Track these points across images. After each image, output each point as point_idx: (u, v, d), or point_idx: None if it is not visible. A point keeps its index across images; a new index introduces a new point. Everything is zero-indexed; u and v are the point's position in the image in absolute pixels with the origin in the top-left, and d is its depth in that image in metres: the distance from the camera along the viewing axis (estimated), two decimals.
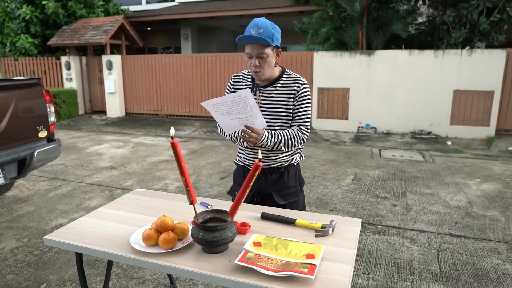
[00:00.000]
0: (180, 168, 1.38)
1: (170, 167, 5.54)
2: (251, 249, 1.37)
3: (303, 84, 1.90)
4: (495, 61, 7.14)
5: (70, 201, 4.11)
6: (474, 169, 5.46)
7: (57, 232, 1.60)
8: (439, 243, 3.12)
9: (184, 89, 9.70)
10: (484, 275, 2.64)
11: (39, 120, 3.54)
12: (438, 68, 7.47)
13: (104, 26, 10.05)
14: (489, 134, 7.35)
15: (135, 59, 10.05)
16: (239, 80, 2.01)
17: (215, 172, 5.27)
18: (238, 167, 2.12)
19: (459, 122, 7.52)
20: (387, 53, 7.84)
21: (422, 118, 7.73)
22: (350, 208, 3.92)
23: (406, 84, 7.70)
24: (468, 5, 7.46)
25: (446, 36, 8.09)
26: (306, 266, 1.27)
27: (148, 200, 1.96)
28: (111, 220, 1.71)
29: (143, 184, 4.68)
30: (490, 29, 7.60)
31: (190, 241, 1.46)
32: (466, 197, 4.25)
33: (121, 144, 7.16)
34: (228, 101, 1.64)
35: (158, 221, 1.49)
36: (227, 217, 1.48)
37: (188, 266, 1.33)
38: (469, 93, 7.36)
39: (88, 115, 10.64)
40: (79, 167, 5.50)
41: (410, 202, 4.09)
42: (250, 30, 1.77)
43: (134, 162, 5.82)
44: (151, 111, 10.17)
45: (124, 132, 8.57)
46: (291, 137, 1.87)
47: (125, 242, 1.49)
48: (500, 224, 3.52)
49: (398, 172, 5.27)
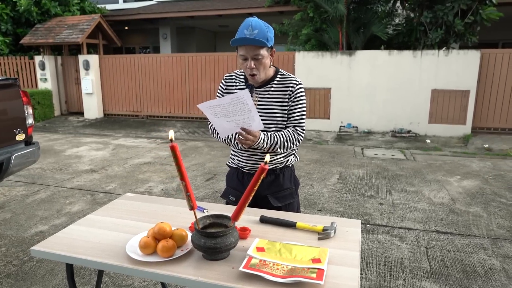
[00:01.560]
0: (180, 172, 1.32)
1: (153, 169, 5.41)
2: (255, 254, 1.33)
3: (298, 84, 1.88)
4: (470, 61, 7.37)
5: (50, 207, 3.94)
6: (453, 167, 5.60)
7: (45, 242, 1.50)
8: (427, 240, 3.17)
9: (165, 90, 9.54)
10: (473, 271, 2.69)
11: (16, 122, 3.37)
12: (416, 68, 7.64)
13: (80, 25, 9.75)
14: (465, 132, 7.58)
15: (113, 59, 9.79)
16: (231, 81, 1.96)
17: (200, 174, 5.18)
18: (232, 170, 2.07)
19: (437, 121, 7.72)
20: (367, 53, 7.95)
21: (402, 117, 7.90)
22: (338, 207, 3.93)
23: (386, 83, 7.84)
24: (444, 7, 7.66)
25: (423, 37, 8.29)
26: (313, 271, 1.24)
27: (140, 206, 1.88)
28: (103, 228, 1.62)
29: (126, 187, 4.55)
30: (464, 31, 7.84)
31: (190, 248, 1.41)
32: (449, 194, 4.35)
33: (101, 146, 6.95)
34: (226, 102, 1.59)
35: (155, 228, 1.42)
36: (228, 222, 1.44)
37: (190, 274, 1.27)
38: (446, 92, 7.57)
39: (64, 116, 10.30)
40: (57, 171, 5.29)
41: (395, 200, 4.14)
42: (244, 31, 1.70)
43: (116, 164, 5.65)
44: (131, 112, 9.94)
45: (103, 133, 8.33)
46: (287, 139, 1.84)
47: (121, 251, 1.42)
48: (483, 220, 3.62)
49: (381, 171, 5.35)
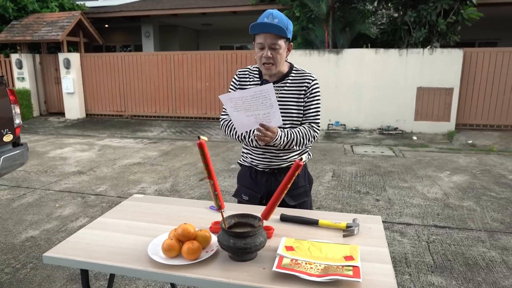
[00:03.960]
0: (207, 170, 1.26)
1: (143, 170, 5.28)
2: (286, 254, 1.29)
3: (313, 80, 1.85)
4: (454, 59, 7.55)
5: (39, 211, 3.77)
6: (442, 162, 5.72)
7: (57, 248, 1.41)
8: (427, 235, 3.21)
9: (150, 89, 9.35)
10: (474, 264, 2.74)
11: (3, 122, 3.20)
12: (402, 66, 7.77)
13: (60, 22, 9.42)
14: (449, 128, 7.76)
15: (96, 57, 9.52)
16: (245, 76, 1.91)
17: (193, 174, 5.09)
18: (244, 168, 2.02)
19: (423, 118, 7.87)
20: (354, 51, 8.03)
21: (389, 115, 8.01)
22: (336, 204, 3.93)
23: (373, 82, 7.94)
24: (427, 6, 7.81)
25: (406, 36, 8.44)
26: (348, 268, 1.21)
27: (151, 207, 1.81)
28: (117, 231, 1.54)
29: (118, 189, 4.41)
30: (446, 30, 8.03)
31: (216, 250, 1.35)
32: (441, 189, 4.43)
33: (86, 147, 6.74)
34: (248, 95, 1.54)
35: (178, 229, 1.36)
36: (253, 221, 1.39)
37: (221, 277, 1.22)
38: (431, 90, 7.73)
39: (44, 117, 9.94)
40: (43, 173, 5.08)
41: (391, 196, 4.18)
42: (265, 19, 1.69)
43: (104, 165, 5.48)
44: (115, 112, 9.69)
45: (86, 134, 8.08)
46: (303, 135, 1.81)
47: (141, 255, 1.35)
48: (477, 213, 3.70)
49: (373, 168, 5.40)
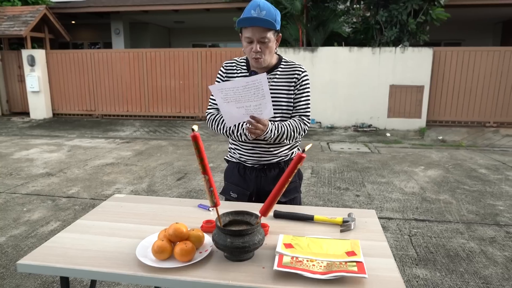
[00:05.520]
0: (202, 165, 1.18)
1: (117, 170, 5.07)
2: (285, 252, 1.23)
3: (303, 71, 1.80)
4: (424, 58, 7.78)
5: (5, 216, 3.51)
6: (416, 158, 5.86)
7: (33, 255, 1.28)
8: (409, 228, 3.25)
9: (121, 87, 9.03)
10: (455, 255, 2.79)
11: None
12: (375, 64, 7.91)
13: (23, 16, 8.93)
14: (421, 125, 7.99)
15: (63, 54, 9.09)
16: (232, 68, 1.83)
17: (169, 174, 4.94)
18: (231, 165, 1.94)
19: (395, 115, 8.06)
20: (329, 50, 8.10)
21: (363, 112, 8.15)
22: (317, 201, 3.92)
23: (347, 79, 8.04)
24: (398, 6, 8.01)
25: (378, 35, 8.62)
26: (352, 264, 1.16)
27: (134, 207, 1.69)
28: (99, 234, 1.43)
29: (91, 190, 4.20)
30: (416, 30, 8.26)
31: (210, 250, 1.27)
32: (418, 184, 4.53)
33: (54, 148, 6.40)
34: (240, 86, 1.47)
35: (169, 229, 1.26)
36: (250, 218, 1.32)
37: (219, 278, 1.14)
38: (403, 87, 7.93)
39: (6, 117, 9.39)
40: (7, 176, 4.77)
41: (370, 192, 4.23)
42: (251, 11, 1.60)
43: (75, 167, 5.22)
44: (84, 111, 9.29)
45: (54, 135, 7.69)
46: (294, 129, 1.75)
47: (129, 258, 1.25)
48: (453, 206, 3.80)
49: (351, 164, 5.45)
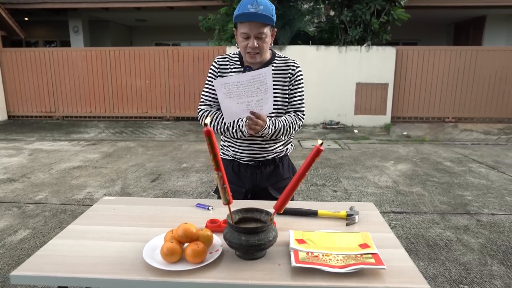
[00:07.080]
0: (215, 161, 1.13)
1: (86, 173, 4.82)
2: (299, 247, 1.21)
3: (297, 67, 1.79)
4: (388, 57, 8.08)
5: None
6: (384, 153, 6.07)
7: (27, 264, 1.17)
8: (388, 221, 3.35)
9: (83, 87, 8.61)
10: (435, 244, 2.91)
11: None
12: (342, 63, 8.11)
13: None
14: (386, 121, 8.30)
15: (19, 53, 8.52)
16: (225, 63, 1.79)
17: (142, 175, 4.77)
18: (225, 162, 1.90)
19: (362, 112, 8.31)
20: (297, 48, 8.20)
21: (331, 110, 8.32)
22: (296, 198, 3.94)
23: (316, 78, 8.18)
24: (362, 6, 8.27)
25: (343, 34, 8.85)
26: (368, 256, 1.17)
27: (128, 209, 1.60)
28: (97, 239, 1.33)
29: (61, 195, 3.96)
30: (379, 29, 8.57)
31: (221, 250, 1.22)
32: (390, 178, 4.69)
33: (13, 152, 5.98)
34: (244, 80, 1.44)
35: (179, 230, 1.20)
36: (260, 215, 1.29)
37: (236, 278, 1.10)
38: (368, 85, 8.19)
39: None
40: None
41: (347, 187, 4.32)
42: (248, 6, 1.57)
43: (39, 171, 4.90)
44: (43, 113, 8.76)
45: (11, 138, 7.19)
46: (290, 124, 1.74)
47: (136, 263, 1.17)
48: (426, 198, 3.97)
49: (324, 161, 5.55)
